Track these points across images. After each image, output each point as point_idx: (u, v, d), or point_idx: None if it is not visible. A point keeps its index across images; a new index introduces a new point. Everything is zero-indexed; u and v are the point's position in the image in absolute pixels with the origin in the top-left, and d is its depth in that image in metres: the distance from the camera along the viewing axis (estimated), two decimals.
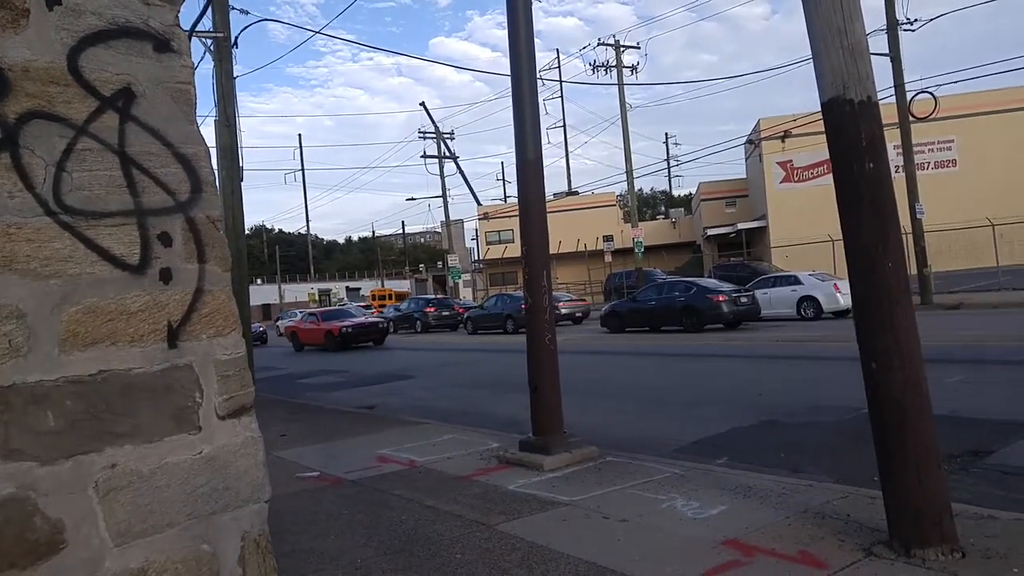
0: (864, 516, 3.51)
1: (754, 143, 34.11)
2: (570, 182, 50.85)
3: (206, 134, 2.28)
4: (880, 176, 3.16)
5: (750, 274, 23.37)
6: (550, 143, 62.08)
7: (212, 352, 2.14)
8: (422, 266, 68.39)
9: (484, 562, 3.34)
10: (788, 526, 3.50)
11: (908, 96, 18.12)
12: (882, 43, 17.95)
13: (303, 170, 62.63)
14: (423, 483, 4.89)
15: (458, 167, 40.12)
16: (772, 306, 17.75)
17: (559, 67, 43.81)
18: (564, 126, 49.87)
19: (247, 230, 13.82)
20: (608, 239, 32.75)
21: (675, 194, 69.27)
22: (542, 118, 5.85)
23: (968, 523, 3.25)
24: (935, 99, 17.68)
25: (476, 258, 50.27)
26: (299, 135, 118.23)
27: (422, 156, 38.00)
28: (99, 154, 2.00)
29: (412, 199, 74.46)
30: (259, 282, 60.31)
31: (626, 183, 28.56)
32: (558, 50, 76.93)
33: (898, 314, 3.11)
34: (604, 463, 4.99)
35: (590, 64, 28.30)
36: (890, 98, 17.36)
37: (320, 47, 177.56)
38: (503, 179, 58.67)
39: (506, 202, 48.77)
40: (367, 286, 61.44)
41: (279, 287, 59.97)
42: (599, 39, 28.38)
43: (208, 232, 2.18)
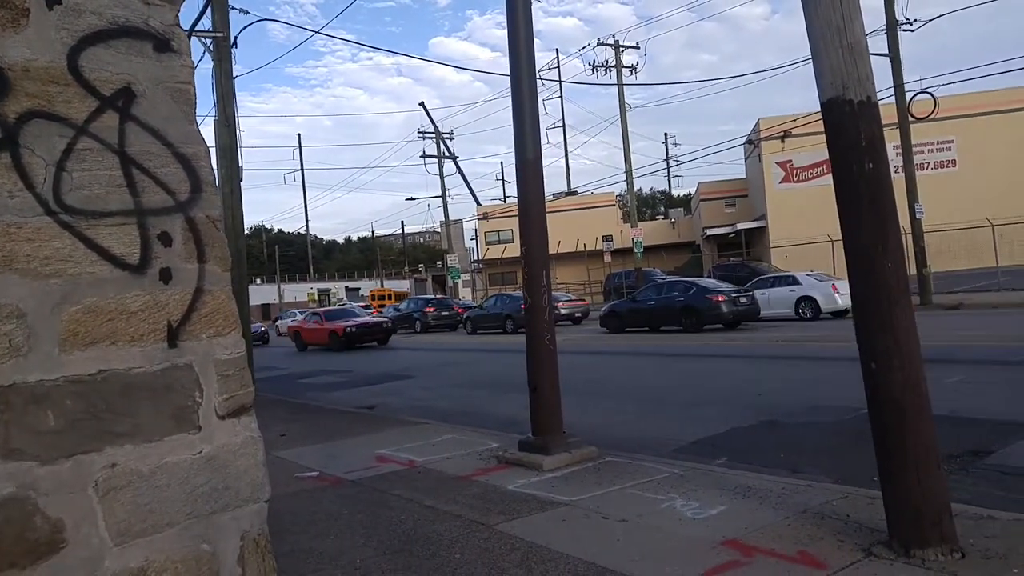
0: (864, 516, 3.51)
1: (754, 143, 34.12)
2: (569, 182, 50.86)
3: (205, 134, 2.28)
4: (880, 176, 3.16)
5: (749, 274, 23.38)
6: (549, 143, 62.12)
7: (212, 352, 2.14)
8: (421, 266, 68.36)
9: (483, 562, 3.34)
10: (787, 526, 3.50)
11: (907, 96, 18.13)
12: (881, 43, 17.99)
13: (302, 170, 62.68)
14: (423, 483, 4.89)
15: (457, 167, 40.20)
16: (770, 306, 17.76)
17: (558, 67, 43.81)
18: (563, 126, 49.91)
19: (246, 230, 13.80)
20: (607, 239, 32.76)
21: (674, 194, 69.32)
22: (541, 118, 5.85)
23: (968, 523, 3.25)
24: (934, 99, 17.70)
25: (475, 258, 50.25)
26: (298, 135, 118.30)
27: (421, 156, 38.04)
28: (99, 154, 2.00)
29: (411, 199, 74.51)
30: (258, 282, 60.30)
31: (625, 183, 28.59)
32: (557, 50, 77.13)
33: (898, 314, 3.11)
34: (603, 463, 4.99)
35: (589, 64, 28.33)
36: (890, 98, 17.38)
37: (320, 47, 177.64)
38: (503, 179, 58.69)
39: (505, 202, 48.77)
40: (366, 286, 61.43)
41: (278, 287, 59.95)
42: (599, 39, 28.47)
43: (208, 232, 2.18)
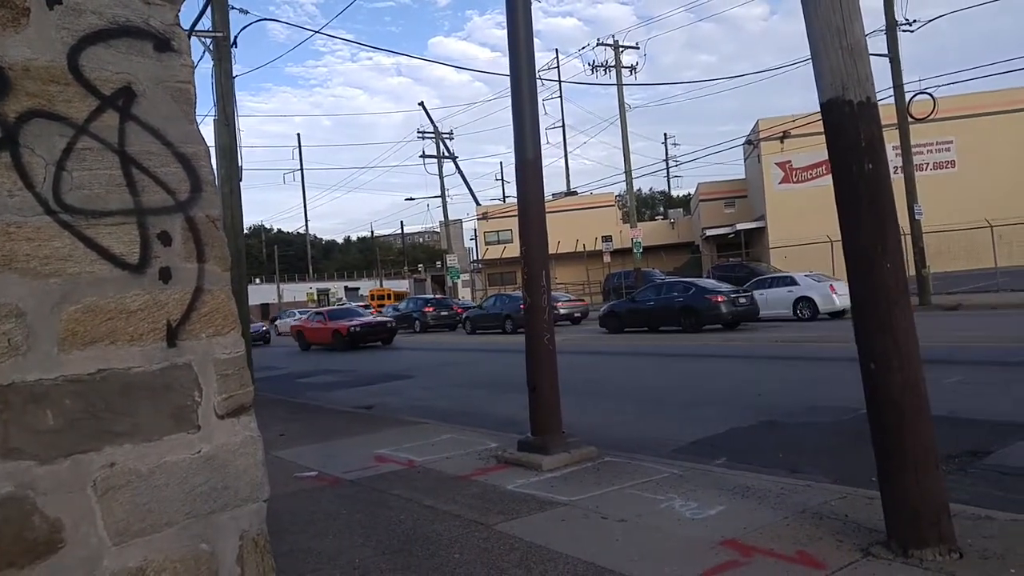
0: (862, 516, 3.52)
1: (753, 144, 34.12)
2: (569, 182, 50.84)
3: (205, 133, 2.29)
4: (879, 177, 3.16)
5: (748, 274, 23.39)
6: (549, 143, 62.09)
7: (211, 351, 2.14)
8: (421, 266, 68.34)
9: (482, 562, 3.34)
10: (786, 526, 3.50)
11: (907, 97, 18.15)
12: (881, 44, 18.00)
13: (302, 170, 62.65)
14: (422, 483, 4.89)
15: (457, 167, 40.19)
16: (768, 306, 17.77)
17: (558, 67, 43.80)
18: (563, 126, 49.93)
19: (246, 229, 13.81)
20: (607, 239, 32.79)
21: (674, 194, 69.29)
22: (541, 118, 5.85)
23: (966, 523, 3.26)
24: (934, 100, 17.72)
25: (475, 258, 50.26)
26: (298, 135, 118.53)
27: (421, 156, 38.06)
28: (99, 153, 2.00)
29: (411, 199, 74.29)
30: (258, 281, 60.26)
31: (625, 183, 28.61)
32: (557, 50, 77.19)
33: (897, 315, 3.11)
34: (603, 463, 5.00)
35: (589, 64, 28.35)
36: (889, 99, 17.39)
37: (319, 47, 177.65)
38: (502, 179, 58.68)
39: (505, 202, 48.76)
40: (366, 286, 61.41)
41: (278, 287, 59.91)
42: (598, 39, 28.46)
43: (208, 231, 2.18)
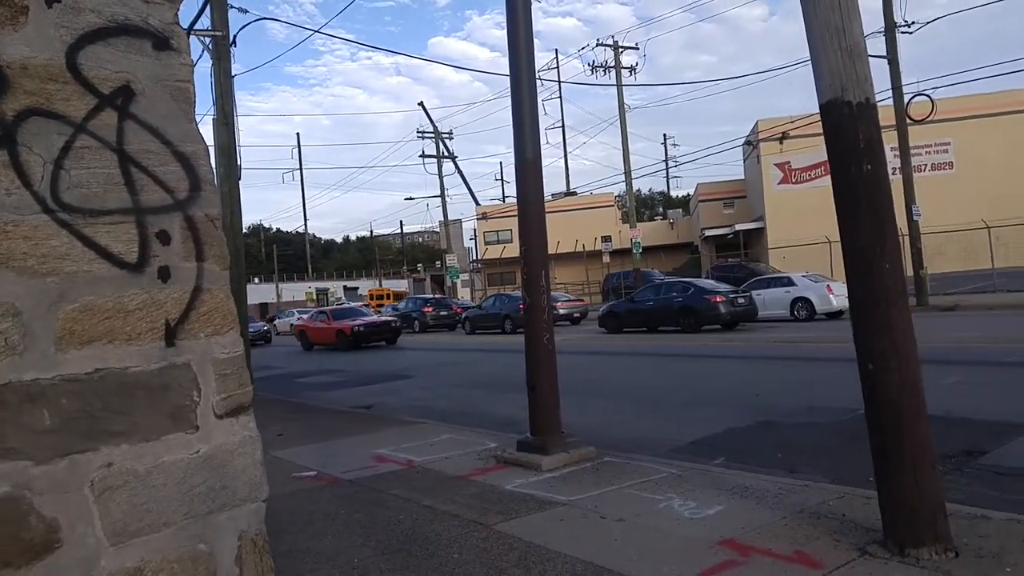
0: (859, 516, 3.52)
1: (752, 144, 34.15)
2: (568, 182, 50.84)
3: (204, 133, 2.28)
4: (878, 178, 3.17)
5: (747, 275, 23.38)
6: (549, 143, 61.98)
7: (210, 351, 2.14)
8: (420, 266, 68.30)
9: (481, 562, 3.34)
10: (784, 526, 3.50)
11: (905, 99, 18.17)
12: (880, 45, 18.02)
13: (301, 169, 62.58)
14: (421, 483, 4.89)
15: (456, 167, 40.16)
16: (766, 307, 17.78)
17: (558, 67, 43.84)
18: (563, 126, 49.94)
19: (245, 229, 13.78)
20: (606, 239, 32.80)
21: (673, 195, 69.31)
22: (541, 118, 5.84)
23: (962, 523, 3.27)
24: (932, 102, 17.74)
25: (474, 258, 50.25)
26: (297, 134, 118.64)
27: (420, 156, 38.00)
28: (97, 152, 2.00)
29: (410, 199, 73.96)
30: (256, 281, 60.19)
31: (624, 184, 28.61)
32: (557, 50, 77.23)
33: (895, 316, 3.12)
34: (601, 463, 5.00)
35: (589, 65, 28.33)
36: (887, 100, 17.41)
37: (319, 46, 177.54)
38: (502, 179, 58.67)
39: (504, 202, 48.77)
40: (365, 285, 61.38)
41: (276, 286, 59.85)
42: (598, 40, 28.32)
43: (207, 231, 2.18)
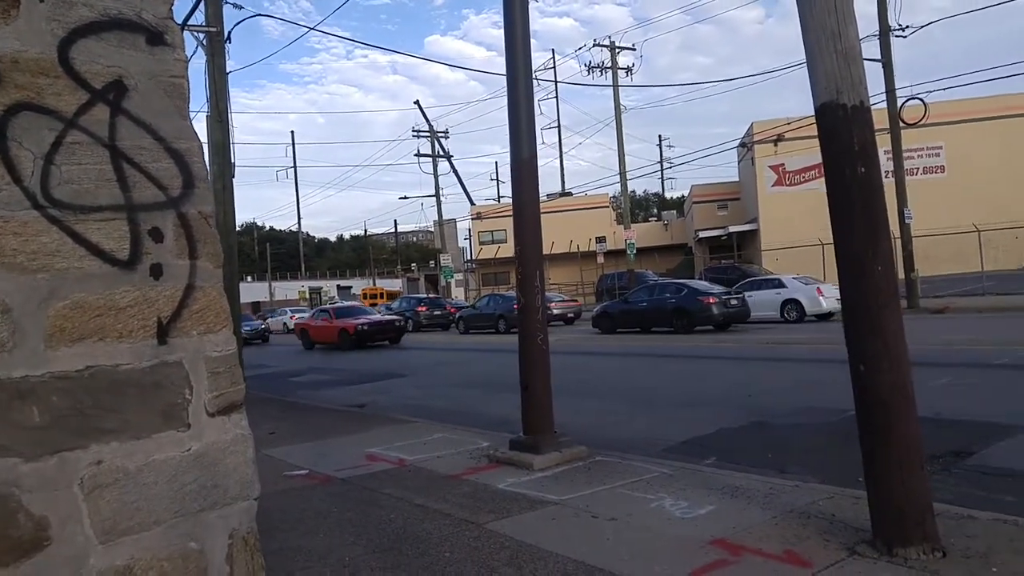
0: (849, 516, 3.55)
1: (747, 146, 34.26)
2: (564, 183, 50.81)
3: (197, 129, 2.27)
4: (872, 181, 3.19)
5: (740, 276, 23.49)
6: (544, 143, 61.92)
7: (202, 349, 2.12)
8: (414, 265, 68.14)
9: (473, 560, 3.34)
10: (774, 526, 3.52)
11: (899, 102, 18.28)
12: (874, 49, 18.14)
13: (295, 167, 62.42)
14: (413, 482, 4.89)
15: (452, 166, 40.04)
16: (756, 308, 17.83)
17: (554, 67, 43.80)
18: (559, 127, 49.95)
19: (238, 227, 13.74)
20: (601, 240, 32.82)
21: (668, 196, 69.42)
22: (536, 118, 5.84)
23: (949, 523, 3.30)
24: (925, 105, 17.87)
25: (469, 258, 50.20)
26: (292, 132, 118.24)
27: (416, 155, 37.86)
28: (89, 147, 1.98)
29: (405, 198, 73.82)
30: (249, 279, 59.94)
31: (619, 185, 28.64)
32: (553, 50, 77.25)
33: (886, 318, 3.14)
34: (594, 463, 5.01)
35: (585, 65, 28.33)
36: (881, 104, 17.51)
37: (314, 44, 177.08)
38: (497, 179, 58.66)
39: (499, 202, 48.73)
40: (358, 285, 61.21)
41: (269, 285, 59.62)
42: (595, 40, 28.30)
43: (200, 228, 2.17)
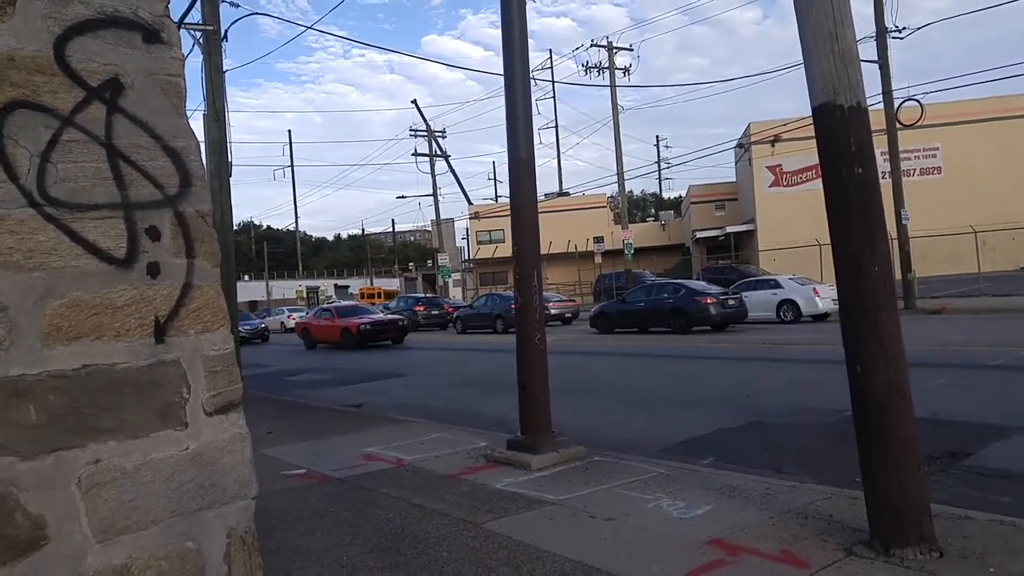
0: (846, 516, 3.56)
1: (744, 147, 34.34)
2: (561, 183, 50.92)
3: (194, 128, 2.26)
4: (869, 182, 3.19)
5: (737, 277, 23.51)
6: (542, 143, 61.95)
7: (200, 348, 2.12)
8: (412, 265, 68.11)
9: (470, 560, 3.34)
10: (772, 526, 3.53)
11: (895, 103, 18.34)
12: (871, 51, 18.18)
13: (292, 166, 62.16)
14: (410, 481, 4.88)
15: (449, 166, 39.99)
16: (752, 309, 17.83)
17: (552, 67, 43.78)
18: (556, 127, 49.94)
19: (235, 226, 13.71)
20: (598, 240, 32.90)
21: (665, 196, 69.51)
22: (534, 118, 5.84)
23: (946, 523, 3.30)
24: (921, 107, 17.94)
25: (466, 257, 50.20)
26: (289, 131, 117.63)
27: (413, 154, 37.79)
28: (85, 145, 1.98)
29: (402, 197, 73.58)
30: (246, 278, 59.81)
31: (617, 185, 28.66)
32: (551, 50, 77.21)
33: (883, 318, 3.15)
34: (591, 463, 5.01)
35: (582, 65, 28.23)
36: (878, 105, 17.56)
37: (311, 43, 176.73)
38: (494, 179, 58.68)
39: (497, 202, 48.74)
40: (356, 284, 61.14)
41: (267, 284, 59.51)
42: (592, 40, 28.27)
43: (197, 227, 2.16)
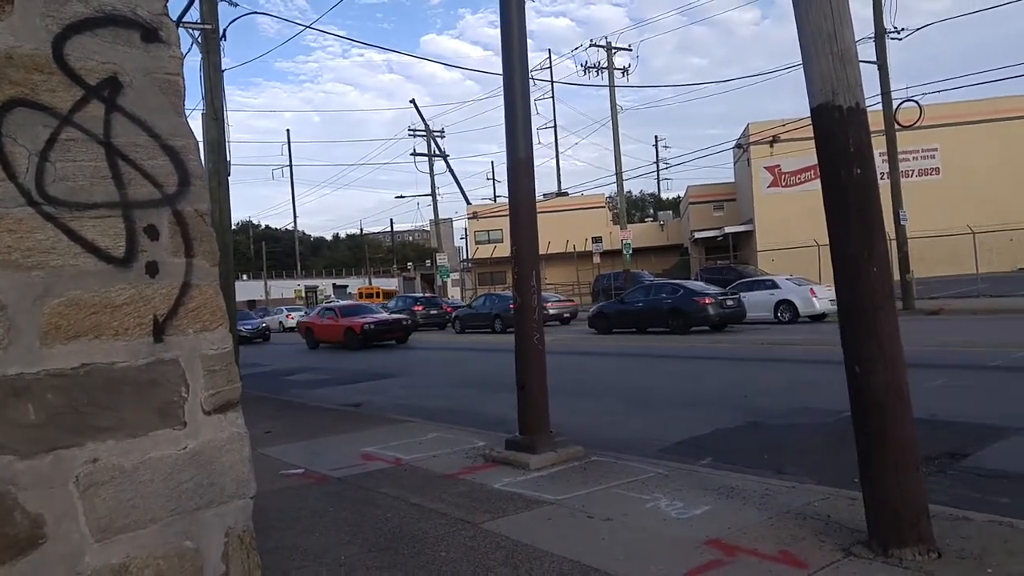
0: (844, 517, 3.56)
1: (743, 147, 34.38)
2: (560, 183, 51.05)
3: (193, 127, 2.26)
4: (867, 182, 3.20)
5: (736, 277, 23.53)
6: (540, 143, 61.92)
7: (199, 347, 2.12)
8: (410, 264, 68.08)
9: (469, 560, 3.34)
10: (770, 526, 3.53)
11: (894, 104, 18.37)
12: (870, 51, 18.20)
13: (291, 166, 62.32)
14: (408, 481, 4.88)
15: (448, 166, 39.99)
16: (750, 309, 17.85)
17: (550, 67, 43.86)
18: (555, 126, 50.02)
19: (234, 225, 13.69)
20: (597, 240, 32.91)
21: (664, 197, 69.57)
22: (533, 118, 5.85)
23: (944, 524, 3.31)
24: (920, 108, 17.97)
25: (465, 257, 50.19)
26: (287, 130, 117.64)
27: (412, 154, 37.78)
28: (84, 144, 1.98)
29: (401, 197, 73.35)
30: (245, 278, 59.74)
31: (615, 185, 28.67)
32: (550, 50, 77.32)
33: (882, 319, 3.15)
34: (589, 463, 5.01)
35: (581, 65, 28.10)
36: (876, 106, 17.58)
37: (310, 42, 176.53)
38: (493, 178, 58.69)
39: (496, 201, 48.77)
40: (354, 283, 61.13)
41: (265, 283, 59.49)
42: (591, 40, 28.26)
43: (196, 226, 2.16)
